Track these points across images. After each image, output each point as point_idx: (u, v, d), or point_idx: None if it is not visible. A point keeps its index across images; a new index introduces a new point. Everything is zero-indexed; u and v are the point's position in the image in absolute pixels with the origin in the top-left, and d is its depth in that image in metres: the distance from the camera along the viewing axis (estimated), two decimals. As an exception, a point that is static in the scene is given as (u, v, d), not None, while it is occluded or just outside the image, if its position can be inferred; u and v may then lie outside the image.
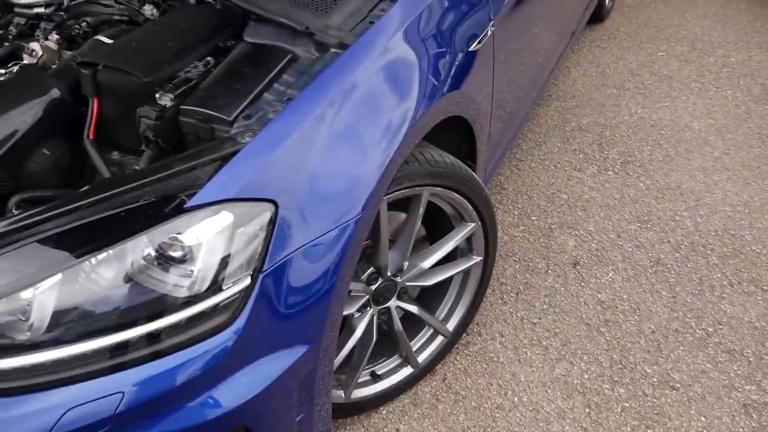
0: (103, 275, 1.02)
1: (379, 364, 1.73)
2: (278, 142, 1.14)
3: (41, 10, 1.91)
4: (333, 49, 1.32)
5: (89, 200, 1.07)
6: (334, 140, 1.21)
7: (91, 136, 1.33)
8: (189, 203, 1.05)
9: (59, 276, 1.00)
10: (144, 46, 1.37)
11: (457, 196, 1.58)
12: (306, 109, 1.18)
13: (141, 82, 1.26)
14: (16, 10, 1.94)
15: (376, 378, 1.72)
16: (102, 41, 1.46)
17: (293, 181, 1.14)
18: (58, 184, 1.33)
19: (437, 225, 1.69)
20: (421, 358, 1.76)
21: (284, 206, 1.11)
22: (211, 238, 1.05)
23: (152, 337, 1.03)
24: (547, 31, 2.48)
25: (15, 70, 1.41)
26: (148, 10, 1.66)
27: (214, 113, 1.20)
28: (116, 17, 1.71)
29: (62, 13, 1.76)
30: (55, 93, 1.33)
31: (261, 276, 1.08)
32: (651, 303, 2.03)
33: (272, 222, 1.09)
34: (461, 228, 1.66)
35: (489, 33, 1.73)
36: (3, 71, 1.40)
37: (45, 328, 1.00)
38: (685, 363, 1.85)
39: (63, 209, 1.06)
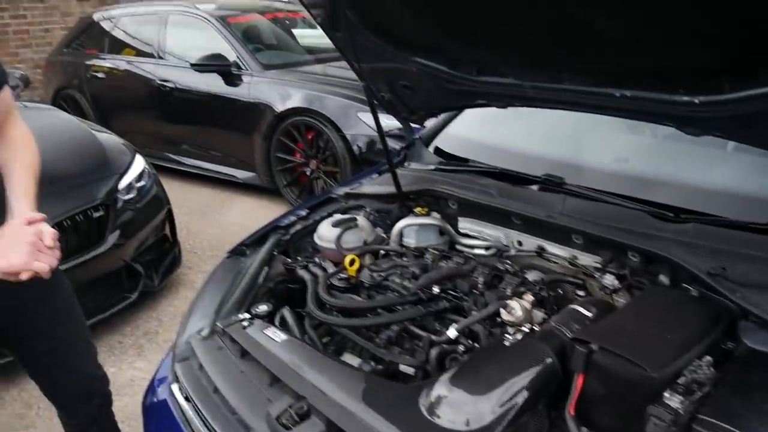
0: None
1: None
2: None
3: (482, 251, 2.14)
4: None
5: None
6: None
7: (572, 412, 1.35)
8: None
9: None
10: (639, 332, 1.38)
11: None
12: None
13: (646, 376, 1.25)
14: (458, 247, 2.21)
15: None
16: (582, 314, 1.53)
17: None
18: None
19: None
20: None
21: None
22: None
23: None
24: None
25: (514, 335, 1.53)
26: (608, 280, 1.70)
27: (742, 436, 1.12)
28: (569, 279, 1.81)
29: (509, 263, 1.92)
30: (548, 362, 1.39)
31: None
32: None
33: None
34: None
35: None
36: (508, 335, 1.54)
37: None
38: None
39: None
